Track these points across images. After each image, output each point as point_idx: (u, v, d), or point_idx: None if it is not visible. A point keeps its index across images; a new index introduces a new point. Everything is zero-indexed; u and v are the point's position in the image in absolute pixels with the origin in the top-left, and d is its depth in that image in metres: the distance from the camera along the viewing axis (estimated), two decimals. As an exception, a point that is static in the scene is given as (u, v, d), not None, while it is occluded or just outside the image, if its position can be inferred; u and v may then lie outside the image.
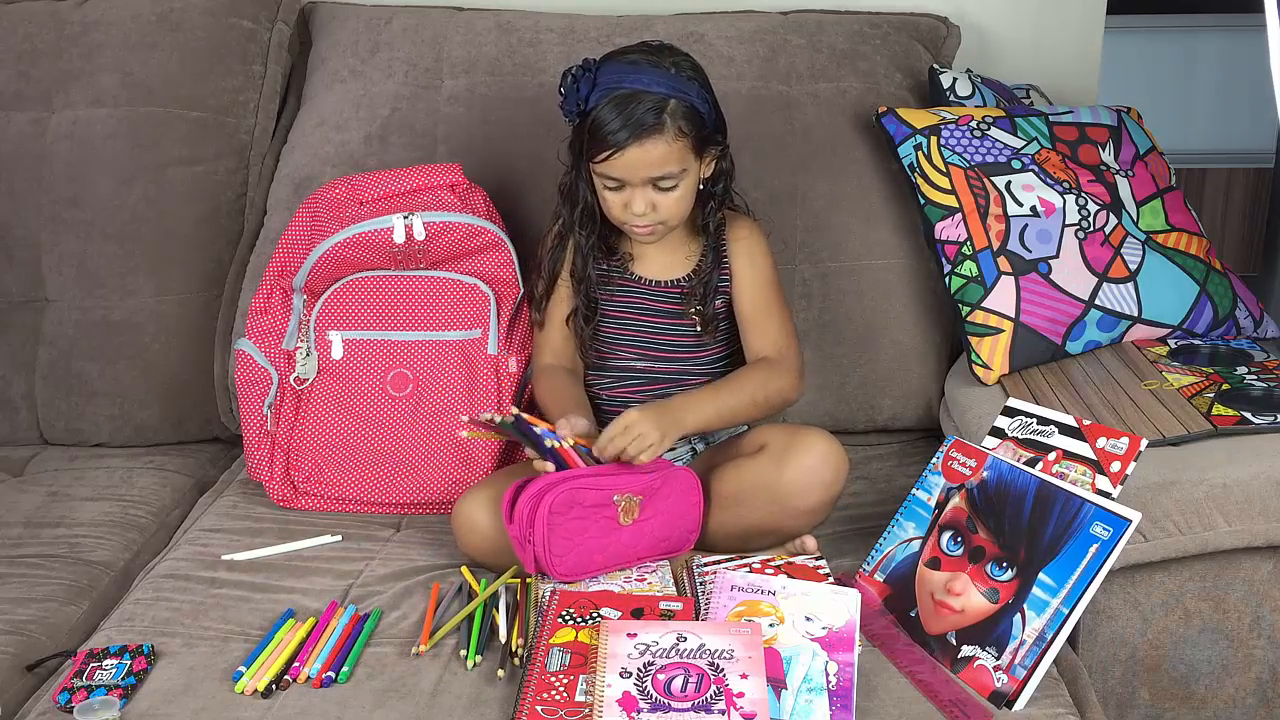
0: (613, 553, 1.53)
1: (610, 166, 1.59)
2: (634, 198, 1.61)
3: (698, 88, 1.61)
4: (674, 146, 1.58)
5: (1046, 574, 1.34)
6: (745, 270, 1.71)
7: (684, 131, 1.58)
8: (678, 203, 1.63)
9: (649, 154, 1.57)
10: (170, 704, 1.32)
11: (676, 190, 1.61)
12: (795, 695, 1.28)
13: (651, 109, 1.56)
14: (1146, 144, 1.93)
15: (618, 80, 1.57)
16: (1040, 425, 1.48)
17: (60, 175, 1.98)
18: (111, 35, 2.02)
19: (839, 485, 1.58)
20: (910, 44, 2.05)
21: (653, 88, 1.57)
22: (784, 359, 1.69)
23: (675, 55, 1.63)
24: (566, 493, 1.49)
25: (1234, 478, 1.45)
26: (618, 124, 1.55)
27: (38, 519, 1.74)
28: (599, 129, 1.57)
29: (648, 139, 1.56)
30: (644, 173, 1.59)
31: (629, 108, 1.55)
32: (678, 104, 1.57)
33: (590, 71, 1.59)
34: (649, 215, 1.62)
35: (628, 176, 1.60)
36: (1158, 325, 1.83)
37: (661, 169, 1.59)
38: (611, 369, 1.75)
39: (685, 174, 1.61)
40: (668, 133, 1.57)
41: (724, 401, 1.63)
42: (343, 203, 1.77)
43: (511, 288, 1.81)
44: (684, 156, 1.59)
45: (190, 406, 1.99)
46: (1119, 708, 1.52)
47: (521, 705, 1.26)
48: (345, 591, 1.55)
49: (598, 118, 1.57)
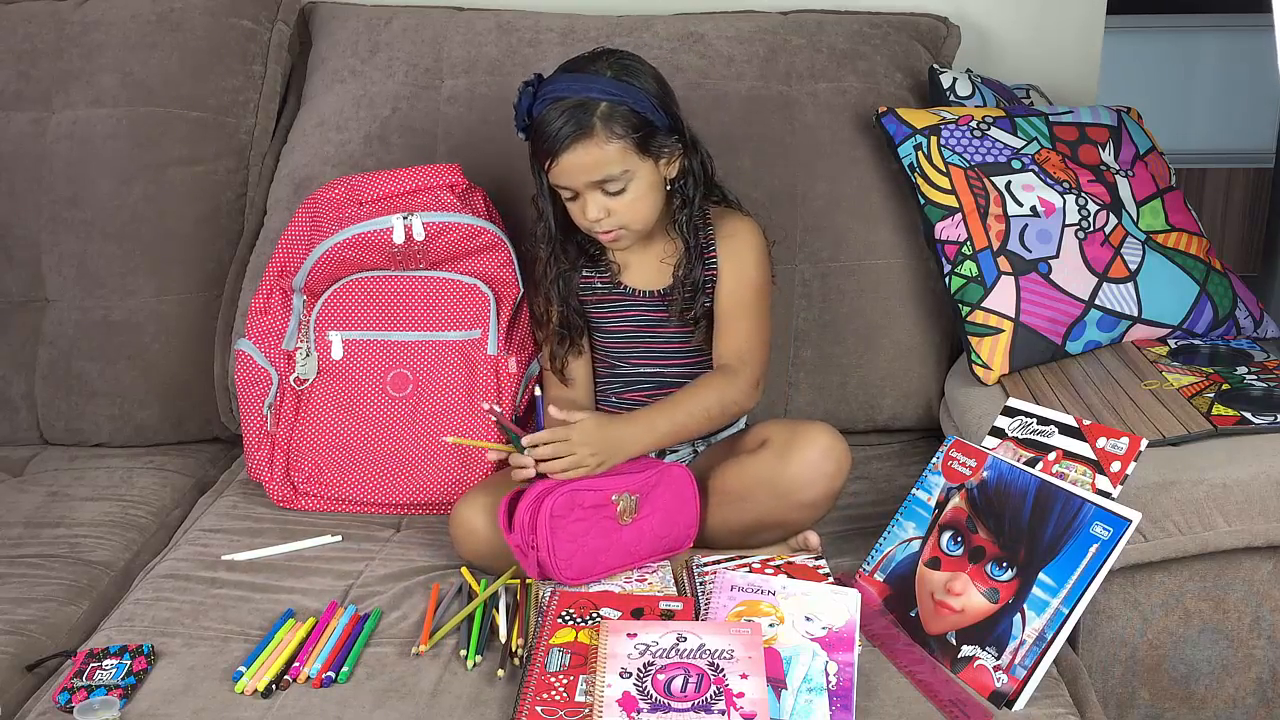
0: (616, 553, 1.53)
1: (553, 174, 1.60)
2: (586, 204, 1.61)
3: (636, 90, 1.58)
4: (608, 149, 1.57)
5: (1046, 574, 1.34)
6: (728, 269, 1.69)
7: (617, 133, 1.57)
8: (632, 205, 1.61)
9: (582, 158, 1.57)
10: (170, 704, 1.33)
11: (626, 193, 1.60)
12: (795, 695, 1.28)
13: (582, 112, 1.56)
14: (1146, 144, 1.93)
15: (555, 90, 1.58)
16: (1040, 425, 1.48)
17: (60, 175, 1.98)
18: (111, 35, 2.02)
19: (842, 478, 1.58)
20: (910, 44, 2.05)
21: (583, 93, 1.57)
22: (743, 367, 1.66)
23: (618, 58, 1.62)
24: (566, 495, 1.49)
25: (1234, 478, 1.45)
26: (552, 130, 1.56)
27: (38, 519, 1.74)
28: (540, 138, 1.59)
29: (578, 144, 1.56)
30: (584, 176, 1.59)
31: (562, 114, 1.56)
32: (610, 106, 1.56)
33: (532, 85, 1.60)
34: (606, 220, 1.62)
35: (570, 183, 1.60)
36: (1158, 325, 1.83)
37: (601, 172, 1.58)
38: (621, 375, 1.74)
39: (630, 175, 1.59)
40: (598, 135, 1.56)
41: (679, 421, 1.62)
42: (342, 203, 1.77)
43: (511, 288, 1.81)
44: (624, 158, 1.58)
45: (190, 406, 1.99)
46: (1119, 708, 1.52)
47: (521, 705, 1.26)
48: (345, 591, 1.55)
49: (538, 127, 1.59)
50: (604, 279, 1.72)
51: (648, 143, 1.60)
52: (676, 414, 1.62)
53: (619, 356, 1.74)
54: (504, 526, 1.50)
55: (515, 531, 1.49)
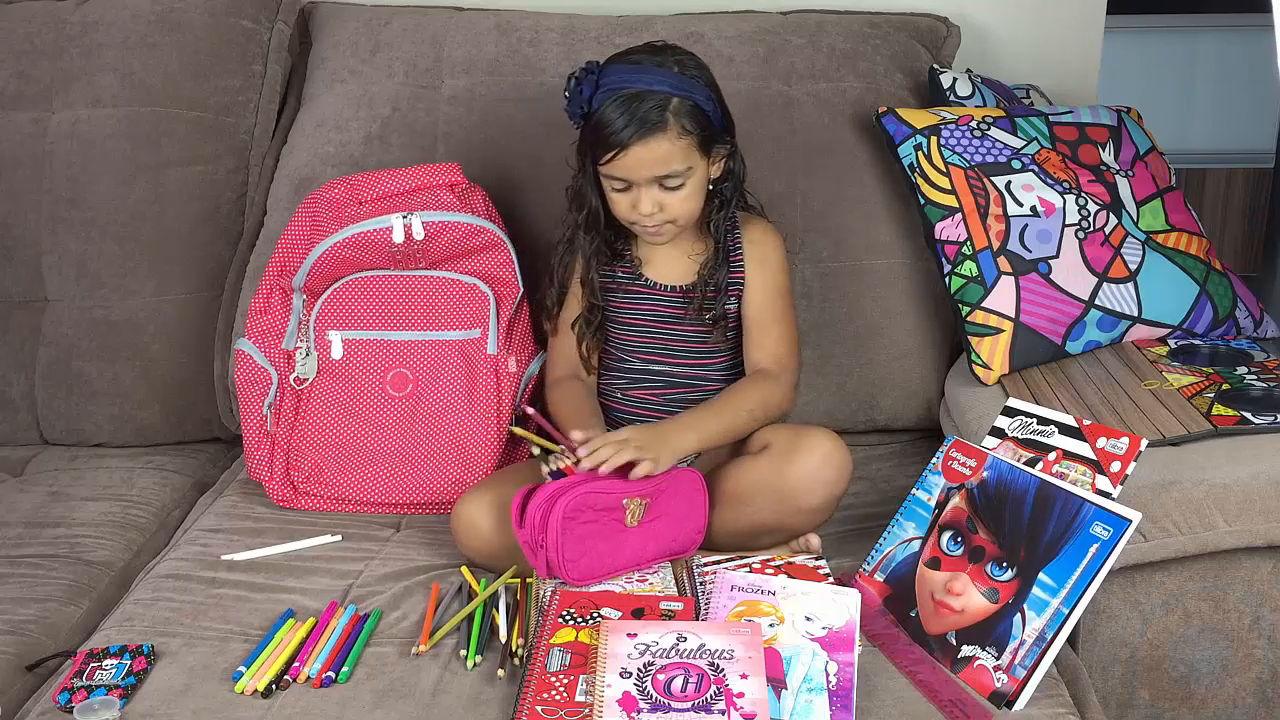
0: (623, 556, 1.52)
1: (615, 166, 1.59)
2: (641, 197, 1.61)
3: (703, 87, 1.60)
4: (678, 145, 1.57)
5: (1046, 574, 1.34)
6: (756, 275, 1.70)
7: (688, 130, 1.57)
8: (685, 202, 1.62)
9: (653, 152, 1.57)
10: (170, 704, 1.33)
11: (683, 189, 1.61)
12: (795, 695, 1.28)
13: (655, 107, 1.55)
14: (1146, 144, 1.93)
15: (621, 81, 1.57)
16: (1040, 425, 1.48)
17: (60, 175, 1.98)
18: (111, 35, 2.02)
19: (843, 484, 1.58)
20: (910, 44, 2.05)
21: (656, 86, 1.56)
22: (782, 372, 1.68)
23: (678, 54, 1.62)
24: (580, 497, 1.48)
25: (1234, 478, 1.45)
26: (621, 123, 1.55)
27: (38, 519, 1.74)
28: (603, 129, 1.56)
29: (651, 137, 1.56)
30: (648, 171, 1.58)
31: (632, 106, 1.55)
32: (681, 102, 1.57)
33: (593, 73, 1.59)
34: (656, 215, 1.62)
35: (633, 176, 1.59)
36: (1158, 325, 1.83)
37: (666, 167, 1.58)
38: (628, 371, 1.74)
39: (691, 173, 1.60)
40: (671, 131, 1.56)
41: (726, 421, 1.63)
42: (342, 202, 1.77)
43: (511, 287, 1.81)
44: (689, 155, 1.59)
45: (190, 406, 1.99)
46: (1119, 708, 1.52)
47: (521, 705, 1.26)
48: (345, 591, 1.55)
49: (601, 118, 1.56)
50: (625, 270, 1.73)
51: (709, 141, 1.61)
52: (725, 414, 1.63)
53: (630, 351, 1.73)
54: (515, 521, 1.50)
55: (526, 528, 1.49)
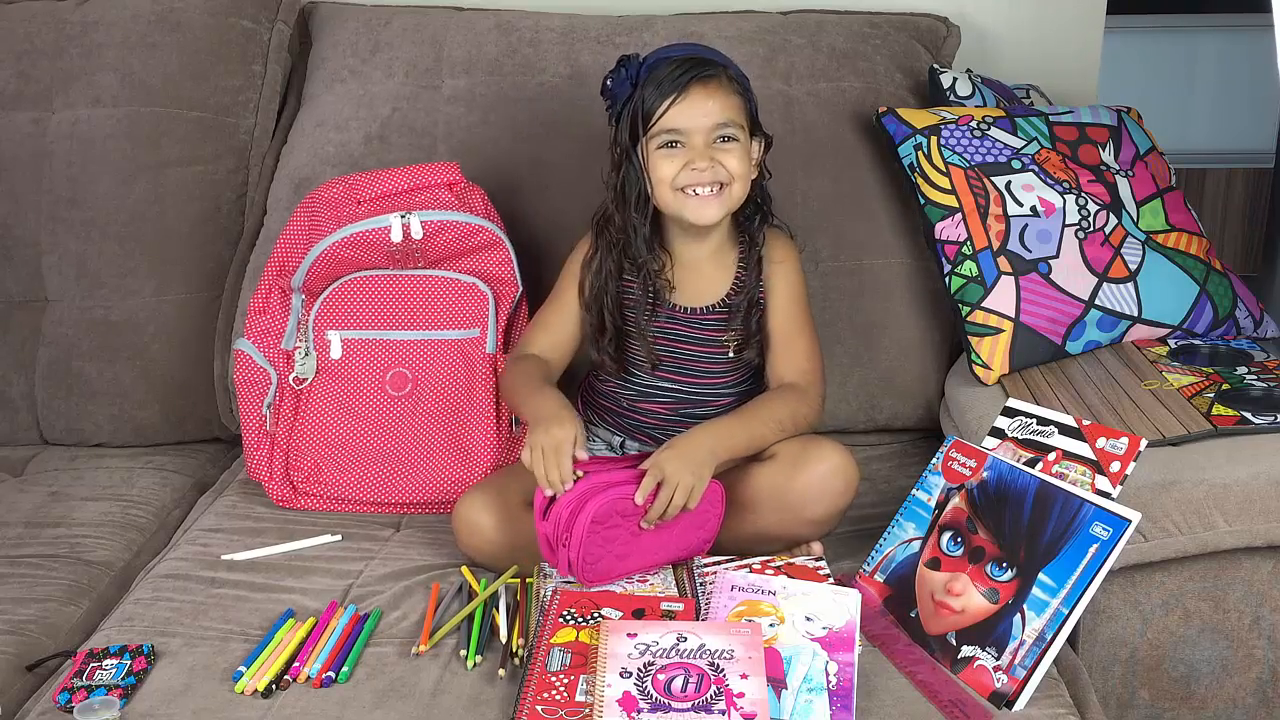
0: (635, 559, 1.52)
1: (671, 117, 1.57)
2: (696, 157, 1.58)
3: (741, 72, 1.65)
4: (732, 98, 1.59)
5: (1046, 574, 1.34)
6: (780, 290, 1.68)
7: (738, 89, 1.61)
8: (739, 163, 1.60)
9: (712, 95, 1.58)
10: (170, 704, 1.33)
11: (737, 148, 1.60)
12: (795, 695, 1.28)
13: (709, 61, 1.60)
14: (1146, 144, 1.93)
15: (669, 50, 1.62)
16: (1040, 425, 1.48)
17: (60, 175, 1.98)
18: (111, 35, 2.01)
19: (849, 496, 1.57)
20: (910, 44, 2.05)
21: (703, 53, 1.62)
22: (810, 385, 1.66)
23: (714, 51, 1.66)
24: (609, 502, 1.46)
25: (1234, 478, 1.45)
26: (677, 71, 1.57)
27: (38, 519, 1.74)
28: (658, 83, 1.57)
29: (710, 81, 1.58)
30: (705, 119, 1.58)
31: (686, 59, 1.58)
32: (731, 71, 1.61)
33: (638, 60, 1.61)
34: (710, 171, 1.58)
35: (690, 123, 1.58)
36: (1158, 325, 1.82)
37: (723, 114, 1.58)
38: (637, 385, 1.72)
39: (744, 134, 1.61)
40: (726, 83, 1.59)
41: (755, 430, 1.59)
42: (340, 202, 1.77)
43: (510, 286, 1.81)
44: (741, 113, 1.61)
45: (190, 406, 1.99)
46: (1119, 708, 1.52)
47: (521, 705, 1.26)
48: (345, 591, 1.55)
49: (655, 74, 1.58)
50: (648, 290, 1.68)
51: (754, 120, 1.64)
52: (752, 424, 1.60)
53: (640, 367, 1.71)
54: (539, 514, 1.48)
55: (550, 523, 1.47)
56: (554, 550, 1.48)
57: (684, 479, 1.48)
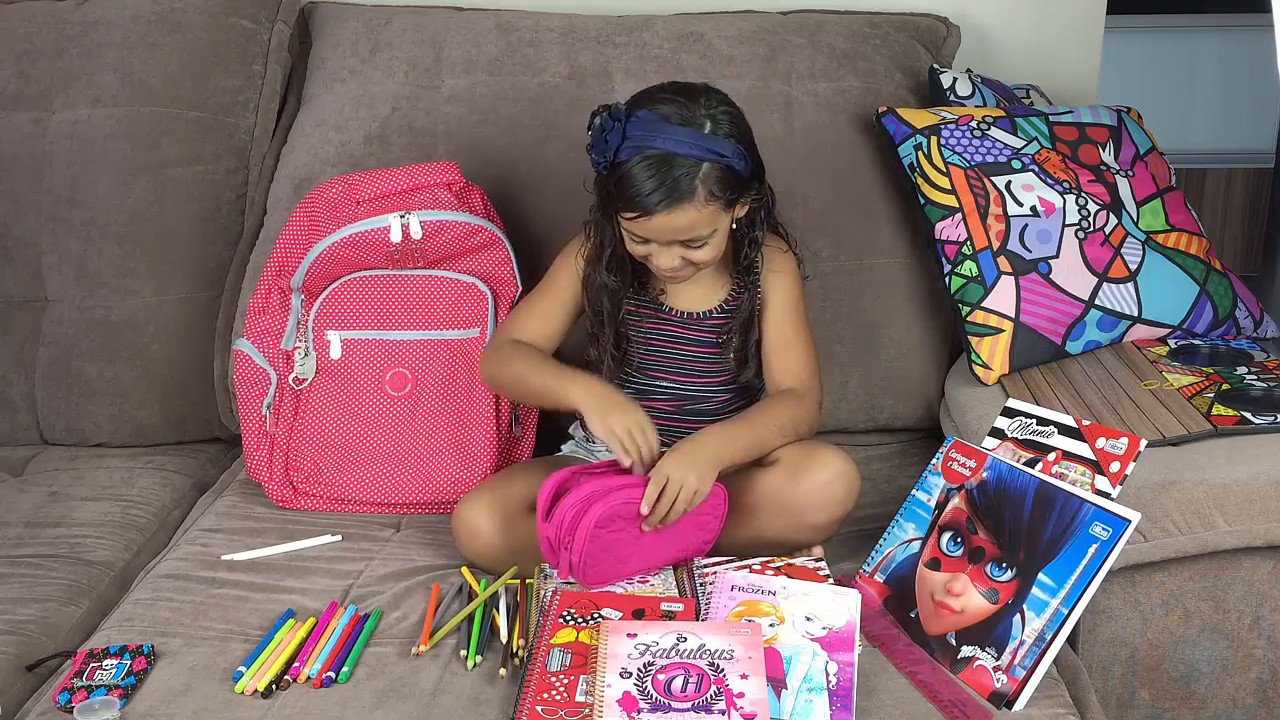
0: (637, 561, 1.51)
1: (636, 226, 1.53)
2: (660, 254, 1.56)
3: (733, 144, 1.52)
4: (704, 212, 1.51)
5: (1046, 574, 1.34)
6: (776, 298, 1.67)
7: (716, 195, 1.51)
8: (709, 252, 1.57)
9: (676, 221, 1.51)
10: (170, 704, 1.33)
11: (706, 246, 1.56)
12: (795, 695, 1.28)
13: (684, 175, 1.48)
14: (1146, 144, 1.93)
15: (648, 138, 1.49)
16: (1040, 426, 1.48)
17: (60, 175, 1.98)
18: (111, 35, 2.01)
19: (851, 502, 1.57)
20: (910, 44, 2.05)
21: (685, 150, 1.48)
22: (808, 391, 1.65)
23: (710, 104, 1.53)
24: (614, 507, 1.46)
25: (1234, 478, 1.45)
26: (647, 188, 1.48)
27: (38, 519, 1.74)
28: (627, 188, 1.50)
29: (676, 207, 1.49)
30: (670, 236, 1.53)
31: (659, 172, 1.48)
32: (711, 167, 1.50)
33: (619, 121, 1.50)
34: (675, 269, 1.58)
35: (654, 238, 1.54)
36: (1158, 325, 1.82)
37: (690, 233, 1.53)
38: (636, 385, 1.71)
39: (715, 233, 1.55)
40: (697, 199, 1.50)
41: (756, 434, 1.58)
42: (339, 202, 1.77)
43: (509, 286, 1.81)
44: (714, 218, 1.53)
45: (190, 406, 1.99)
46: (1119, 708, 1.52)
47: (521, 705, 1.26)
48: (345, 591, 1.55)
49: (626, 176, 1.50)
50: (645, 297, 1.68)
51: (736, 199, 1.56)
52: (754, 428, 1.58)
53: (638, 367, 1.70)
54: (541, 513, 1.47)
55: (552, 525, 1.46)
56: (555, 552, 1.48)
57: (688, 481, 1.48)
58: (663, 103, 1.52)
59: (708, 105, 1.53)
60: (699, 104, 1.52)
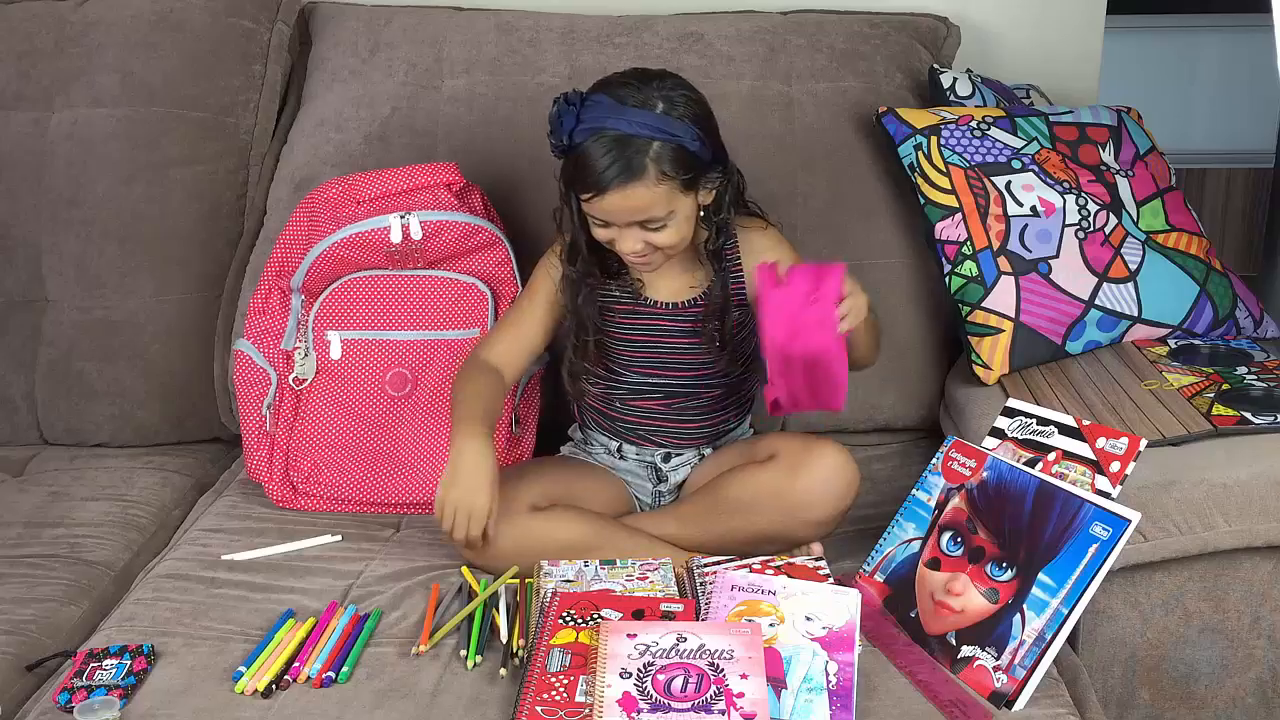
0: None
1: (593, 207, 1.53)
2: (622, 237, 1.55)
3: (689, 125, 1.51)
4: (657, 190, 1.50)
5: (1046, 574, 1.34)
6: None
7: (668, 175, 1.50)
8: (670, 236, 1.56)
9: (630, 200, 1.50)
10: (170, 704, 1.33)
11: (666, 229, 1.55)
12: (795, 695, 1.28)
13: (635, 152, 1.48)
14: (1146, 144, 1.93)
15: (601, 119, 1.49)
16: (1040, 426, 1.48)
17: (60, 175, 1.98)
18: (111, 35, 2.01)
19: (850, 499, 1.57)
20: (910, 44, 2.05)
21: (636, 130, 1.48)
22: None
23: (666, 87, 1.53)
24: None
25: (1234, 478, 1.45)
26: (600, 166, 1.48)
27: (38, 519, 1.74)
28: (582, 169, 1.50)
29: (629, 185, 1.49)
30: (627, 217, 1.53)
31: (611, 150, 1.48)
32: (663, 146, 1.49)
33: (574, 105, 1.51)
34: (636, 253, 1.57)
35: (612, 219, 1.54)
36: (1158, 325, 1.82)
37: (646, 213, 1.52)
38: (627, 383, 1.70)
39: (673, 215, 1.53)
40: (649, 177, 1.49)
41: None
42: (339, 202, 1.77)
43: (509, 286, 1.81)
44: (670, 198, 1.52)
45: (190, 406, 1.99)
46: (1119, 708, 1.52)
47: (521, 705, 1.26)
48: (345, 591, 1.55)
49: (580, 157, 1.50)
50: (624, 290, 1.67)
51: (694, 181, 1.54)
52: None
53: (626, 365, 1.70)
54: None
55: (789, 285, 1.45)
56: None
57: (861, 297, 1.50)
58: (619, 86, 1.53)
59: (662, 87, 1.53)
60: (652, 86, 1.52)
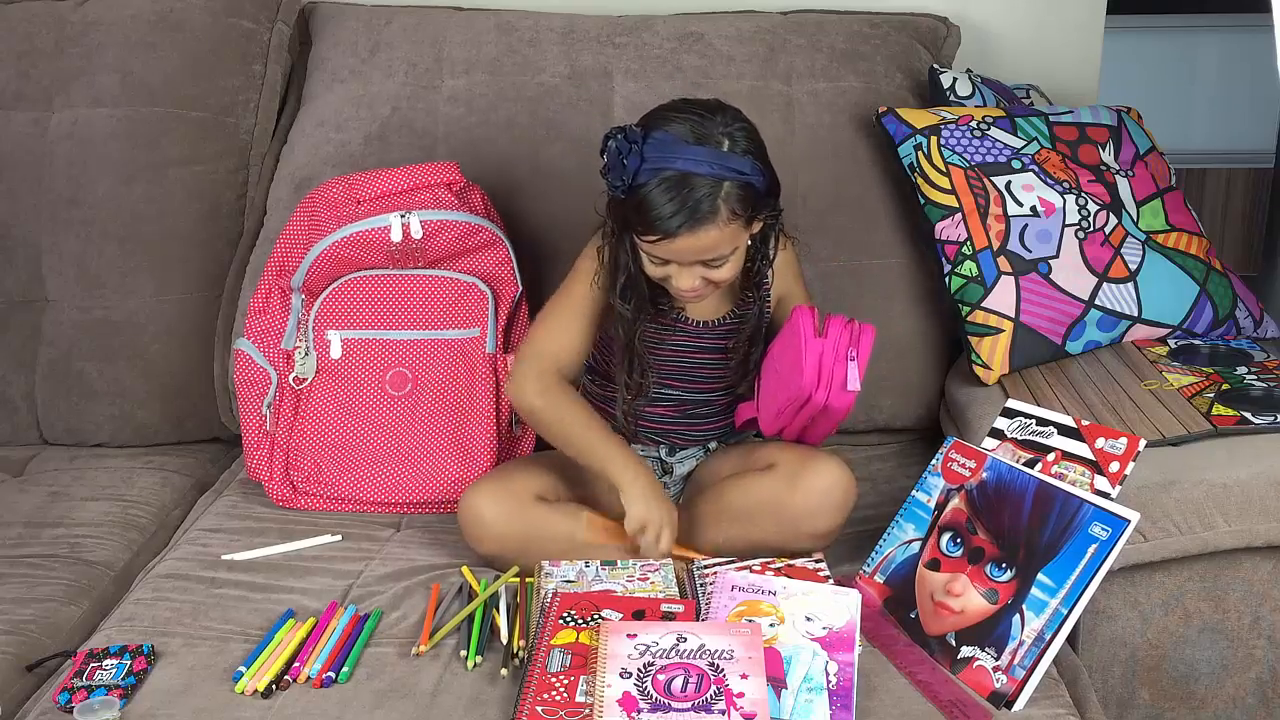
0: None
1: (658, 249, 1.49)
2: (680, 275, 1.52)
3: (751, 160, 1.48)
4: (726, 230, 1.47)
5: (1045, 574, 1.34)
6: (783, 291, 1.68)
7: (738, 214, 1.47)
8: (729, 271, 1.53)
9: (700, 241, 1.46)
10: (170, 704, 1.33)
11: (727, 265, 1.52)
12: (795, 695, 1.28)
13: (706, 195, 1.44)
14: (1146, 144, 1.93)
15: (667, 159, 1.44)
16: (1039, 426, 1.48)
17: (60, 175, 1.98)
18: (111, 35, 2.02)
19: (848, 510, 1.56)
20: (910, 44, 2.05)
21: (705, 170, 1.44)
22: None
23: (727, 121, 1.49)
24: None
25: (1234, 478, 1.45)
26: (668, 210, 1.44)
27: (38, 519, 1.74)
28: (647, 211, 1.45)
29: (700, 228, 1.45)
30: (693, 256, 1.49)
31: (681, 193, 1.44)
32: (732, 186, 1.46)
33: (636, 143, 1.45)
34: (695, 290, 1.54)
35: (676, 259, 1.50)
36: (1158, 325, 1.82)
37: (713, 252, 1.49)
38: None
39: (736, 250, 1.52)
40: (720, 218, 1.46)
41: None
42: (340, 202, 1.77)
43: (510, 286, 1.81)
44: (736, 236, 1.49)
45: (190, 406, 1.99)
46: (1119, 708, 1.52)
47: (521, 705, 1.26)
48: (345, 591, 1.55)
49: (647, 199, 1.45)
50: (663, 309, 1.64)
51: (755, 216, 1.52)
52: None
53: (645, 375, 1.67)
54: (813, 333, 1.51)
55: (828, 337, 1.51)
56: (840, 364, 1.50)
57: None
58: (678, 121, 1.48)
59: (724, 123, 1.49)
60: (715, 121, 1.48)
